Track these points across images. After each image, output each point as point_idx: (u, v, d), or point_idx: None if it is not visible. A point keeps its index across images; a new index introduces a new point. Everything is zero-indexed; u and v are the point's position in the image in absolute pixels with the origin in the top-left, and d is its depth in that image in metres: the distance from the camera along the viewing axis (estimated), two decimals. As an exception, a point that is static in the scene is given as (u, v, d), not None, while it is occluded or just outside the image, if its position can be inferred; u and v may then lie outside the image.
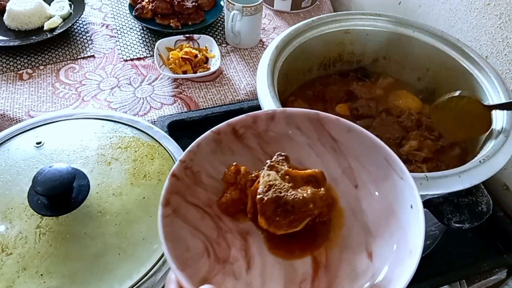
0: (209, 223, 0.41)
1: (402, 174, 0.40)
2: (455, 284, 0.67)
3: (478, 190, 0.53)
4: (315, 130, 0.45)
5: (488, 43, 0.76)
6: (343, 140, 0.45)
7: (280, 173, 0.41)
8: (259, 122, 0.46)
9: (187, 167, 0.42)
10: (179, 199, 0.40)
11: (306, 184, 0.41)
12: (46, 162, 0.54)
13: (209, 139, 0.44)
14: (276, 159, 0.43)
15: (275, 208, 0.39)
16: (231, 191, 0.42)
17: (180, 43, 0.98)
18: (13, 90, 0.89)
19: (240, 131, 0.45)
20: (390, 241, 0.39)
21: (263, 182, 0.40)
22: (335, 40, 0.73)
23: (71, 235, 0.48)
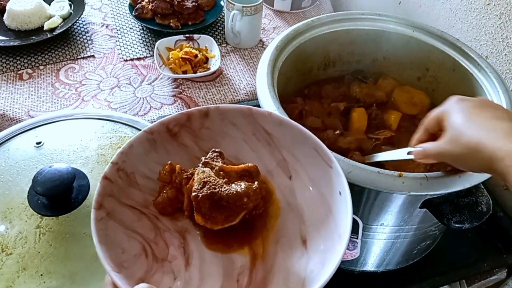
0: (146, 223, 0.41)
1: (330, 162, 0.42)
2: (455, 284, 0.67)
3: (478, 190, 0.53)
4: (249, 125, 0.47)
5: (488, 43, 0.76)
6: (276, 134, 0.46)
7: (215, 169, 0.42)
8: (193, 119, 0.46)
9: (119, 168, 0.41)
10: (114, 202, 0.40)
11: (241, 179, 0.42)
12: (46, 162, 0.54)
13: (142, 139, 0.44)
14: (210, 155, 0.43)
15: (211, 205, 0.39)
16: (167, 190, 0.43)
17: (180, 43, 0.98)
18: (13, 90, 0.89)
19: (174, 129, 0.45)
20: (322, 228, 0.41)
21: (198, 180, 0.40)
22: (335, 40, 0.73)
23: (71, 235, 0.48)
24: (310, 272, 0.38)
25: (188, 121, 0.46)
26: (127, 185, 0.42)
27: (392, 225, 0.57)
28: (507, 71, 0.73)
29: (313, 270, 0.38)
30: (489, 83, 0.62)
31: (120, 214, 0.40)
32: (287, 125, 0.46)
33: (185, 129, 0.46)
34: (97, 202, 0.38)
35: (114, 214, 0.39)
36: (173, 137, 0.46)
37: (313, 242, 0.41)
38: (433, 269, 0.67)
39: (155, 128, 0.44)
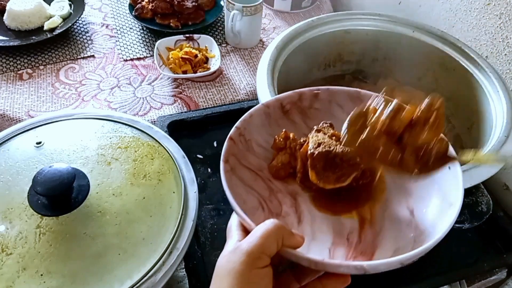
0: (261, 184, 0.45)
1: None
2: (455, 284, 0.67)
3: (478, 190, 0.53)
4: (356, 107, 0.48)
5: (488, 43, 0.76)
6: None
7: (327, 134, 0.45)
8: (304, 99, 0.49)
9: (241, 134, 0.46)
10: (235, 161, 0.44)
11: None
12: (46, 162, 0.54)
13: (260, 111, 0.47)
14: (322, 125, 0.46)
15: (325, 162, 0.42)
16: (281, 155, 0.46)
17: (180, 43, 0.98)
18: (13, 90, 0.89)
19: (287, 106, 0.49)
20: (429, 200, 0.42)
21: (313, 141, 0.43)
22: (335, 40, 0.73)
23: (71, 235, 0.48)
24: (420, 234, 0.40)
25: (299, 100, 0.49)
26: (245, 149, 0.46)
27: (392, 225, 0.57)
28: (507, 71, 0.73)
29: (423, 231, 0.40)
30: (489, 83, 0.62)
31: (240, 172, 0.44)
32: None
33: (296, 107, 0.49)
34: (224, 156, 0.43)
35: (235, 170, 0.43)
36: (285, 114, 0.49)
37: (420, 212, 0.42)
38: (433, 269, 0.67)
39: (271, 103, 0.48)
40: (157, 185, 0.54)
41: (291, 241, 0.35)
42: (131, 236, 0.49)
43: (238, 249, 0.34)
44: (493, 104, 0.61)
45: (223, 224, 0.69)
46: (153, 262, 0.47)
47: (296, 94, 0.49)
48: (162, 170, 0.55)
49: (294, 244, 0.36)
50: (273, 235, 0.34)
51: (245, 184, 0.44)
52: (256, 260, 0.33)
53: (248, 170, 0.45)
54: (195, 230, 0.52)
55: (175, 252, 0.49)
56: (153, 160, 0.56)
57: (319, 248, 0.41)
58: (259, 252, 0.33)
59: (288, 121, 0.49)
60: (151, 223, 0.50)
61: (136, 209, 0.51)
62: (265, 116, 0.48)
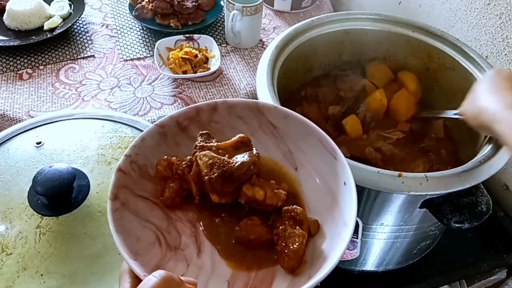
0: (159, 213, 0.43)
1: (334, 154, 0.44)
2: (455, 284, 0.67)
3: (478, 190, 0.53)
4: (256, 118, 0.48)
5: (488, 43, 0.76)
6: (281, 126, 0.48)
7: (212, 149, 0.43)
8: (202, 113, 0.48)
9: (132, 161, 0.43)
10: (128, 193, 0.41)
11: (238, 150, 0.44)
12: (46, 162, 0.54)
13: (153, 133, 0.45)
14: (201, 139, 0.45)
15: (222, 182, 0.41)
16: (170, 183, 0.44)
17: (180, 43, 0.98)
18: (13, 90, 0.89)
19: (184, 123, 0.47)
20: (328, 216, 0.42)
21: (203, 164, 0.42)
22: (335, 40, 0.73)
23: (71, 235, 0.48)
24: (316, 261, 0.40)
25: (197, 115, 0.48)
26: (139, 177, 0.44)
27: (392, 225, 0.57)
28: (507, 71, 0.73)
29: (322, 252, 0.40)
30: (489, 83, 0.62)
31: (134, 205, 0.42)
32: (292, 118, 0.47)
33: (194, 122, 0.48)
34: (112, 193, 0.40)
35: (128, 204, 0.41)
36: (183, 131, 0.48)
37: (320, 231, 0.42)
38: (433, 269, 0.67)
39: (165, 122, 0.46)
40: (157, 185, 0.54)
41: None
42: (131, 236, 0.49)
43: None
44: (493, 104, 0.61)
45: (223, 224, 0.69)
46: (153, 262, 0.47)
47: (193, 109, 0.48)
48: (162, 170, 0.55)
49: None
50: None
51: (140, 218, 0.41)
52: None
53: (144, 200, 0.43)
54: (195, 230, 0.52)
55: (175, 252, 0.49)
56: (153, 160, 0.56)
57: (218, 282, 0.40)
58: None
59: (187, 138, 0.47)
60: (151, 223, 0.50)
61: (136, 209, 0.51)
62: (159, 137, 0.46)
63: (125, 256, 0.36)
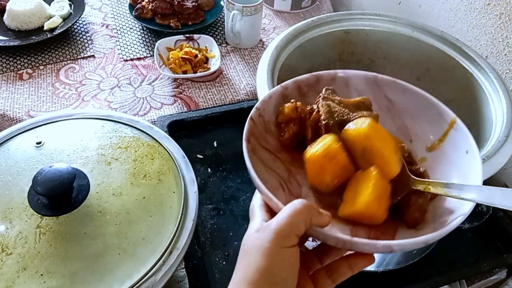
0: (280, 165, 0.45)
1: (456, 126, 0.44)
2: (455, 284, 0.67)
3: (478, 190, 0.53)
4: (372, 92, 0.49)
5: (488, 43, 0.76)
6: (398, 101, 0.48)
7: (335, 102, 0.45)
8: (321, 82, 0.49)
9: (260, 114, 0.45)
10: (255, 141, 0.44)
11: (358, 109, 0.45)
12: (46, 162, 0.54)
13: (278, 92, 0.47)
14: (326, 92, 0.46)
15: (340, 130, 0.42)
16: (291, 126, 0.46)
17: (180, 43, 0.98)
18: (13, 90, 0.89)
19: (304, 89, 0.49)
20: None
21: (324, 110, 0.44)
22: (335, 40, 0.73)
23: (71, 235, 0.48)
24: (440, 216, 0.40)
25: (316, 82, 0.49)
26: (264, 130, 0.46)
27: (392, 225, 0.57)
28: (507, 71, 0.73)
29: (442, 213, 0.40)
30: (489, 83, 0.62)
31: (260, 153, 0.44)
32: (411, 93, 0.47)
33: (313, 90, 0.49)
34: (246, 136, 0.42)
35: (256, 152, 0.43)
36: (302, 96, 0.49)
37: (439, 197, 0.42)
38: (433, 269, 0.67)
39: (289, 84, 0.48)
40: (157, 185, 0.54)
41: (319, 220, 0.35)
42: (131, 236, 0.49)
43: (267, 228, 0.34)
44: (493, 104, 0.61)
45: (223, 224, 0.69)
46: (153, 262, 0.47)
47: (314, 76, 0.49)
48: (162, 170, 0.55)
49: (321, 223, 0.35)
50: (302, 215, 0.34)
51: (265, 165, 0.44)
52: (285, 239, 0.33)
53: (267, 151, 0.45)
54: (195, 230, 0.52)
55: (175, 252, 0.49)
56: (153, 160, 0.56)
57: (340, 228, 0.40)
58: (288, 231, 0.33)
59: (305, 104, 0.48)
60: (151, 223, 0.50)
61: (136, 209, 0.51)
62: (282, 98, 0.47)
63: (263, 188, 0.37)
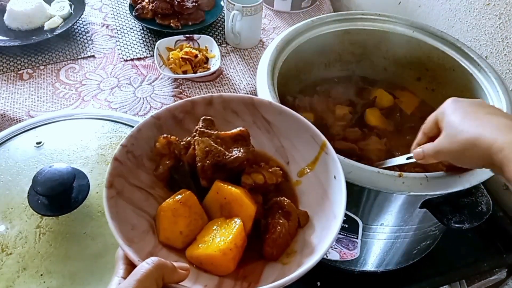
0: (153, 203, 0.44)
1: (326, 149, 0.45)
2: (455, 284, 0.67)
3: (478, 190, 0.53)
4: (250, 114, 0.50)
5: (488, 43, 0.76)
6: (275, 122, 0.49)
7: (212, 137, 0.44)
8: (197, 107, 0.49)
9: (128, 151, 0.44)
10: (123, 182, 0.42)
11: (236, 143, 0.45)
12: (46, 162, 0.54)
13: (150, 124, 0.46)
14: (203, 124, 0.46)
15: (214, 170, 0.43)
16: (165, 161, 0.45)
17: (180, 43, 0.98)
18: (13, 90, 0.89)
19: (180, 116, 0.48)
20: (318, 209, 0.44)
21: (199, 150, 0.43)
22: (335, 40, 0.73)
23: (71, 235, 0.48)
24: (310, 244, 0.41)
25: (192, 108, 0.49)
26: (135, 167, 0.44)
27: (392, 225, 0.57)
28: (507, 71, 0.73)
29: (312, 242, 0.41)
30: (489, 83, 0.62)
31: (129, 194, 0.42)
32: (286, 114, 0.48)
33: (189, 115, 0.49)
34: (108, 181, 0.41)
35: (123, 193, 0.42)
36: (178, 123, 0.48)
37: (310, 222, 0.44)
38: (433, 269, 0.67)
39: (161, 114, 0.47)
40: (157, 185, 0.54)
41: (174, 277, 0.35)
42: (131, 236, 0.49)
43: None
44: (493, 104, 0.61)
45: (223, 224, 0.69)
46: (153, 262, 0.47)
47: (189, 102, 0.49)
48: (162, 170, 0.55)
49: (177, 279, 0.35)
50: (151, 277, 0.33)
51: (135, 207, 0.42)
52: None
53: (139, 190, 0.44)
54: (195, 230, 0.52)
55: (175, 252, 0.49)
56: (153, 160, 0.56)
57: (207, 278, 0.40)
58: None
59: (182, 131, 0.48)
60: (151, 223, 0.50)
61: (136, 209, 0.51)
62: (156, 129, 0.46)
63: (120, 242, 0.37)
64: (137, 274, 0.34)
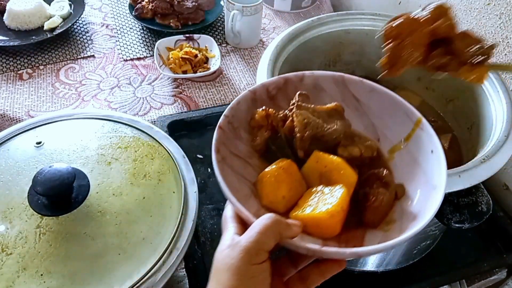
0: (252, 171, 0.45)
1: (421, 125, 0.45)
2: (455, 284, 0.67)
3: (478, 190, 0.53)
4: (340, 91, 0.50)
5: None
6: (365, 100, 0.49)
7: (309, 110, 0.45)
8: (290, 84, 0.50)
9: (229, 121, 0.46)
10: (225, 150, 0.44)
11: (331, 117, 0.46)
12: (46, 162, 0.54)
13: (247, 97, 0.48)
14: (299, 98, 0.47)
15: (312, 141, 0.44)
16: (263, 132, 0.46)
17: (180, 43, 0.98)
18: (13, 90, 0.89)
19: (273, 91, 0.49)
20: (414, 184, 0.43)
21: (299, 121, 0.44)
22: (335, 40, 0.73)
23: (71, 235, 0.48)
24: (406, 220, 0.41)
25: (285, 85, 0.50)
26: (234, 137, 0.46)
27: (392, 225, 0.57)
28: (507, 71, 0.73)
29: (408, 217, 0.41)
30: (489, 83, 0.62)
31: (231, 161, 0.44)
32: (377, 91, 0.48)
33: (282, 92, 0.50)
34: (215, 146, 0.42)
35: (226, 160, 0.43)
36: (271, 99, 0.49)
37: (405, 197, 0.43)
38: (433, 269, 0.67)
39: (257, 88, 0.48)
40: (157, 185, 0.54)
41: (288, 233, 0.36)
42: (131, 236, 0.49)
43: (237, 246, 0.35)
44: (493, 104, 0.61)
45: (223, 224, 0.69)
46: (153, 262, 0.47)
47: (282, 79, 0.49)
48: (162, 170, 0.55)
49: (291, 235, 0.36)
50: (271, 231, 0.35)
51: (236, 173, 0.44)
52: (255, 257, 0.34)
53: (238, 158, 0.45)
54: (195, 230, 0.52)
55: (175, 252, 0.49)
56: (153, 160, 0.56)
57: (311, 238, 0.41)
58: (257, 249, 0.34)
59: (274, 106, 0.49)
60: (151, 223, 0.50)
61: (136, 209, 0.51)
62: (251, 102, 0.48)
63: (233, 200, 0.38)
64: (256, 227, 0.35)
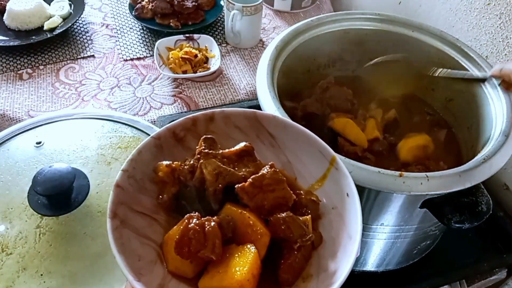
0: (158, 229, 0.41)
1: (336, 165, 0.42)
2: (455, 284, 0.67)
3: (478, 190, 0.53)
4: (253, 128, 0.47)
5: (488, 43, 0.76)
6: (280, 136, 0.47)
7: (217, 157, 0.42)
8: (199, 124, 0.47)
9: (130, 176, 0.42)
10: (126, 209, 0.40)
11: (241, 159, 0.43)
12: (46, 162, 0.54)
13: (150, 145, 0.44)
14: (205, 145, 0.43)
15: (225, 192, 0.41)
16: (169, 187, 0.43)
17: (180, 43, 0.98)
18: (13, 90, 0.89)
19: (180, 134, 0.46)
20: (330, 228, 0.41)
21: (208, 173, 0.41)
22: (335, 40, 0.73)
23: (71, 235, 0.48)
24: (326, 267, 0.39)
25: (193, 125, 0.47)
26: (137, 191, 0.42)
27: (392, 225, 0.57)
28: (507, 71, 0.73)
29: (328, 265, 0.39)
30: (489, 83, 0.62)
31: (133, 221, 0.40)
32: (291, 128, 0.46)
33: (191, 133, 0.47)
34: (111, 211, 0.38)
35: (127, 221, 0.39)
36: (179, 142, 0.46)
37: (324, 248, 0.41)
38: (433, 269, 0.67)
39: (162, 133, 0.45)
40: (157, 185, 0.54)
41: None
42: (131, 236, 0.49)
43: None
44: (493, 104, 0.61)
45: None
46: (153, 262, 0.47)
47: (190, 119, 0.46)
48: (162, 170, 0.55)
49: None
50: None
51: (139, 235, 0.40)
52: None
53: (142, 216, 0.41)
54: (195, 230, 0.52)
55: (175, 252, 0.49)
56: (153, 160, 0.56)
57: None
58: None
59: (183, 149, 0.46)
60: (151, 223, 0.50)
61: (136, 209, 0.51)
62: (156, 149, 0.44)
63: (130, 278, 0.35)
64: None
